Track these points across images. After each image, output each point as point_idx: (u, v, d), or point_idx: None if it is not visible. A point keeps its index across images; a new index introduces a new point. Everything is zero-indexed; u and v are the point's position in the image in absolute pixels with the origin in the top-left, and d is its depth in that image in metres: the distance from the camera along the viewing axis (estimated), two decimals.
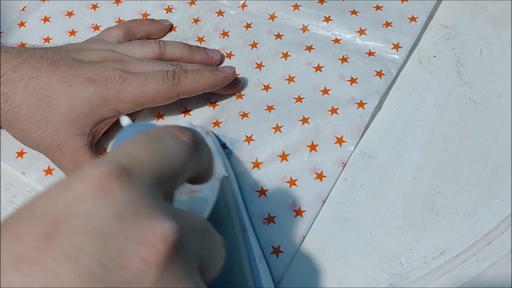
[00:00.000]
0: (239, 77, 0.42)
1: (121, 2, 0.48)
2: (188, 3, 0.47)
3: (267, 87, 0.42)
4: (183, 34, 0.46)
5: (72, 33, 0.46)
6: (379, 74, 0.41)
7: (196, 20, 0.46)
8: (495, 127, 0.39)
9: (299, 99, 0.41)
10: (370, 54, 0.42)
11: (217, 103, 0.42)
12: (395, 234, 0.35)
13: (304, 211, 0.36)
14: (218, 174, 0.34)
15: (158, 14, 0.47)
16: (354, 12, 0.44)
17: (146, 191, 0.18)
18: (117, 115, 0.39)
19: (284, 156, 0.38)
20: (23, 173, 0.40)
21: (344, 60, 0.42)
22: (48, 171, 0.40)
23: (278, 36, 0.44)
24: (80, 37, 0.45)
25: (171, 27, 0.46)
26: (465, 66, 0.41)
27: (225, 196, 0.34)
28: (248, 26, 0.45)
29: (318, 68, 0.42)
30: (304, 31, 0.44)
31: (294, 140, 0.39)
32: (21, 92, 0.37)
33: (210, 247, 0.20)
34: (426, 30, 0.43)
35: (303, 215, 0.36)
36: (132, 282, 0.16)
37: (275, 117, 0.40)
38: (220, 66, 0.43)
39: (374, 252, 0.35)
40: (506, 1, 0.44)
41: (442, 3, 0.45)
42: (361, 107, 0.39)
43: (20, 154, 0.41)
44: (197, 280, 0.18)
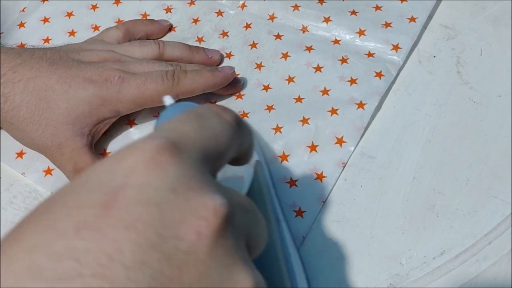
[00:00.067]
0: (239, 77, 0.42)
1: (121, 3, 0.48)
2: (188, 3, 0.47)
3: (267, 87, 0.42)
4: (183, 34, 0.46)
5: (72, 34, 0.46)
6: (379, 75, 0.41)
7: (196, 20, 0.46)
8: (495, 127, 0.39)
9: (299, 100, 0.41)
10: (370, 55, 0.42)
11: (217, 103, 0.42)
12: (395, 234, 0.35)
13: (304, 212, 0.36)
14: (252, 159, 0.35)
15: (158, 15, 0.47)
16: (354, 13, 0.44)
17: (196, 166, 0.19)
18: (117, 116, 0.39)
19: (284, 157, 0.38)
20: (23, 174, 0.40)
21: (344, 61, 0.42)
22: (48, 172, 0.40)
23: (278, 37, 0.44)
24: (80, 38, 0.45)
25: (171, 27, 0.46)
26: (465, 66, 0.41)
27: (259, 181, 0.34)
28: (248, 26, 0.45)
29: (318, 69, 0.42)
30: (304, 32, 0.44)
31: (294, 141, 0.39)
32: (21, 93, 0.37)
33: (256, 225, 0.20)
34: (426, 30, 0.43)
35: (303, 216, 0.36)
36: (187, 252, 0.16)
37: (275, 118, 0.40)
38: (220, 66, 0.43)
39: (374, 252, 0.35)
40: (506, 1, 0.44)
41: (442, 3, 0.45)
42: (361, 108, 0.39)
43: (20, 155, 0.41)
44: (246, 256, 0.19)
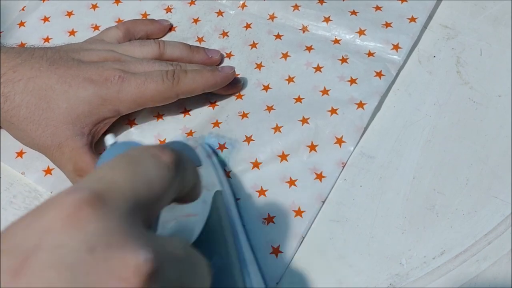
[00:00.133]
0: (239, 77, 0.42)
1: (121, 2, 0.48)
2: (188, 3, 0.47)
3: (267, 87, 0.42)
4: (183, 34, 0.46)
5: (72, 33, 0.46)
6: (379, 75, 0.41)
7: (196, 20, 0.46)
8: (495, 127, 0.39)
9: (299, 100, 0.41)
10: (370, 55, 0.42)
11: (217, 103, 0.42)
12: (395, 234, 0.35)
13: (304, 211, 0.36)
14: (212, 188, 0.34)
15: (158, 14, 0.47)
16: (354, 13, 0.44)
17: (122, 219, 0.17)
18: (117, 115, 0.39)
19: (284, 156, 0.38)
20: (23, 173, 0.40)
21: (344, 61, 0.42)
22: (48, 171, 0.40)
23: (278, 37, 0.44)
24: (80, 37, 0.45)
25: (171, 27, 0.46)
26: (465, 66, 0.41)
27: (218, 212, 0.33)
28: (248, 26, 0.45)
29: (318, 69, 0.42)
30: (304, 32, 0.44)
31: (294, 140, 0.39)
32: (21, 92, 0.37)
33: (192, 275, 0.19)
34: (426, 30, 0.43)
35: (303, 215, 0.36)
36: None
37: (275, 117, 0.40)
38: (220, 66, 0.43)
39: (374, 252, 0.35)
40: (506, 1, 0.44)
41: (442, 3, 0.45)
42: (361, 108, 0.39)
43: (20, 154, 0.41)
44: None
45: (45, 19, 0.47)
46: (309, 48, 0.43)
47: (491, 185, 0.36)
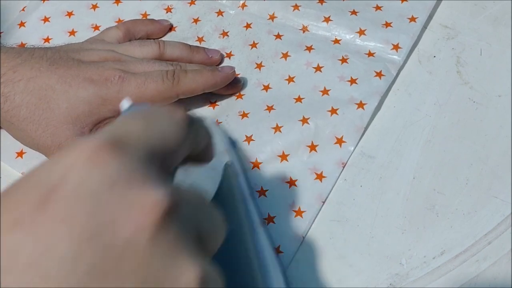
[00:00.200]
0: (239, 77, 0.42)
1: (121, 2, 0.48)
2: (188, 3, 0.47)
3: (267, 87, 0.42)
4: (183, 34, 0.46)
5: (72, 33, 0.46)
6: (379, 75, 0.41)
7: (196, 20, 0.46)
8: (495, 127, 0.39)
9: (299, 99, 0.41)
10: (370, 55, 0.42)
11: (217, 103, 0.42)
12: (395, 234, 0.35)
13: (304, 211, 0.36)
14: (222, 158, 0.35)
15: (158, 14, 0.47)
16: (354, 12, 0.44)
17: (140, 162, 0.18)
18: (117, 115, 0.39)
19: (284, 156, 0.38)
20: (23, 173, 0.40)
21: (344, 61, 0.42)
22: None
23: (278, 36, 0.44)
24: (80, 37, 0.45)
25: (171, 27, 0.46)
26: (465, 66, 0.41)
27: (230, 183, 0.34)
28: (248, 26, 0.45)
29: (318, 69, 0.42)
30: (304, 32, 0.44)
31: (294, 140, 0.39)
32: (21, 93, 0.37)
33: (209, 222, 0.20)
34: (426, 30, 0.43)
35: (303, 215, 0.36)
36: (125, 244, 0.16)
37: (275, 117, 0.40)
38: (220, 66, 0.43)
39: (374, 252, 0.35)
40: (506, 1, 0.44)
41: (442, 3, 0.45)
42: (361, 108, 0.39)
43: (20, 154, 0.41)
44: (192, 248, 0.18)
45: (45, 19, 0.47)
46: (309, 48, 0.43)
47: (491, 185, 0.36)
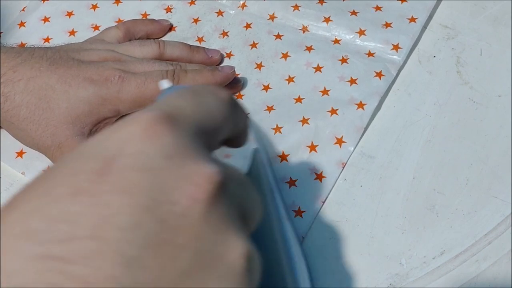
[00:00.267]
0: (239, 77, 0.42)
1: (121, 2, 0.48)
2: (188, 3, 0.47)
3: (267, 87, 0.42)
4: (183, 34, 0.46)
5: (72, 33, 0.46)
6: (379, 75, 0.41)
7: (196, 20, 0.46)
8: (495, 127, 0.39)
9: (299, 100, 0.41)
10: (370, 55, 0.42)
11: None
12: (395, 234, 0.35)
13: (304, 211, 0.36)
14: (251, 145, 0.35)
15: (158, 14, 0.47)
16: (354, 13, 0.44)
17: (191, 137, 0.19)
18: (117, 115, 0.39)
19: (284, 157, 0.38)
20: (23, 173, 0.40)
21: (344, 61, 0.42)
22: None
23: (278, 37, 0.44)
24: (80, 37, 0.45)
25: (171, 27, 0.46)
26: (465, 66, 0.41)
27: (257, 168, 0.34)
28: (248, 26, 0.45)
29: (318, 69, 0.42)
30: (304, 32, 0.44)
31: (294, 141, 0.39)
32: (21, 92, 0.37)
33: (251, 198, 0.21)
34: (426, 30, 0.43)
35: (303, 215, 0.36)
36: (181, 216, 0.17)
37: (275, 118, 0.40)
38: (220, 66, 0.43)
39: (374, 252, 0.35)
40: (506, 1, 0.44)
41: (442, 3, 0.45)
42: (361, 108, 0.39)
43: (20, 154, 0.41)
44: (238, 225, 0.19)
45: (45, 19, 0.47)
46: (309, 48, 0.43)
47: (491, 185, 0.36)
